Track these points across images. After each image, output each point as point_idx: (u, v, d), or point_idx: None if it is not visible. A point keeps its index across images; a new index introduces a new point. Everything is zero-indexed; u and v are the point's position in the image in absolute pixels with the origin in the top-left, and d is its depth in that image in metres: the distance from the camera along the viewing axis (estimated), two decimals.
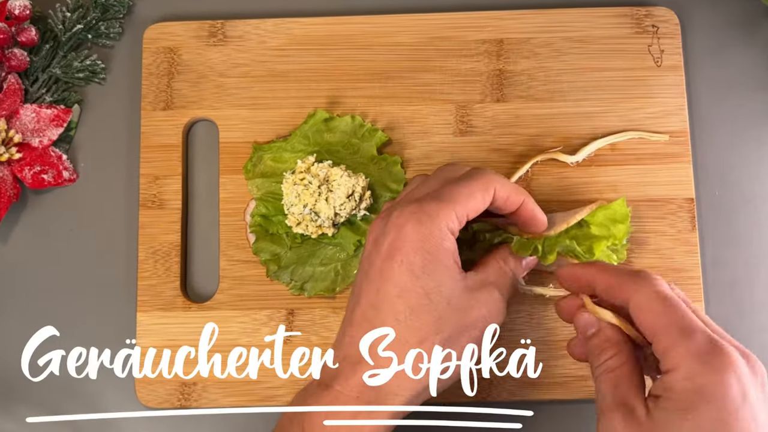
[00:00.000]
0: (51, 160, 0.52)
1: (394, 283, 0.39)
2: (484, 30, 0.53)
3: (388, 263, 0.39)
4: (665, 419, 0.34)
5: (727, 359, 0.34)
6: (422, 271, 0.39)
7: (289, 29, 0.53)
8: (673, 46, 0.52)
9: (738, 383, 0.33)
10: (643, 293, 0.36)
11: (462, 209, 0.40)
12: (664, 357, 0.35)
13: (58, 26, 0.54)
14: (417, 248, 0.39)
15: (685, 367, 0.34)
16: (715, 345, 0.34)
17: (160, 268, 0.50)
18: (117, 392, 0.50)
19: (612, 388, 0.37)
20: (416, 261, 0.39)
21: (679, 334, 0.35)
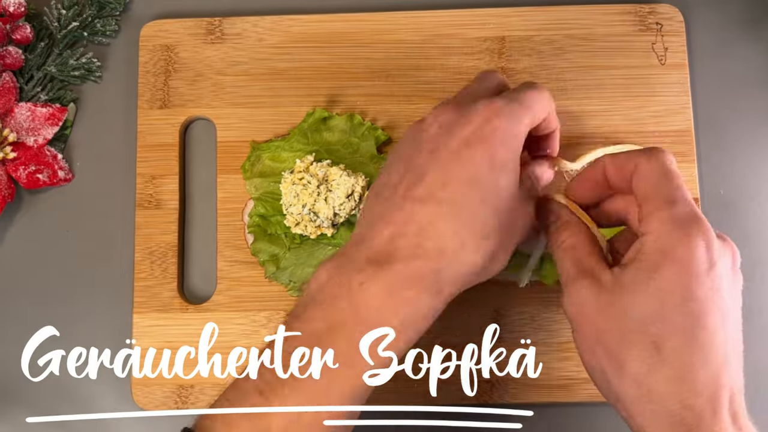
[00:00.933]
0: (46, 159, 0.52)
1: (471, 171, 0.37)
2: (486, 27, 0.53)
3: (468, 150, 0.37)
4: (631, 280, 0.35)
5: (700, 227, 0.35)
6: (500, 168, 0.38)
7: (287, 27, 0.53)
8: (677, 43, 0.52)
9: (706, 251, 0.35)
10: (649, 163, 0.38)
11: (535, 116, 0.40)
12: (644, 222, 0.36)
13: (53, 24, 0.54)
14: (501, 145, 0.38)
15: (659, 230, 0.35)
16: (694, 215, 0.36)
17: (157, 269, 0.50)
18: (113, 395, 0.50)
19: (575, 261, 0.38)
20: (497, 157, 0.38)
21: (663, 201, 0.36)
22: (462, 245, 0.37)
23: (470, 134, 0.38)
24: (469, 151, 0.38)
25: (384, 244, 0.37)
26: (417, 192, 0.38)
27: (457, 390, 0.48)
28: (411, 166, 0.39)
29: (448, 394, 0.48)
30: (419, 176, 0.38)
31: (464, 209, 0.37)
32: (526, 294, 0.49)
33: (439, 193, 0.37)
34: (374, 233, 0.38)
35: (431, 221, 0.37)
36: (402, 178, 0.39)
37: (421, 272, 0.36)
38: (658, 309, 0.35)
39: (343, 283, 0.36)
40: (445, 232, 0.37)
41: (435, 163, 0.38)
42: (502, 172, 0.38)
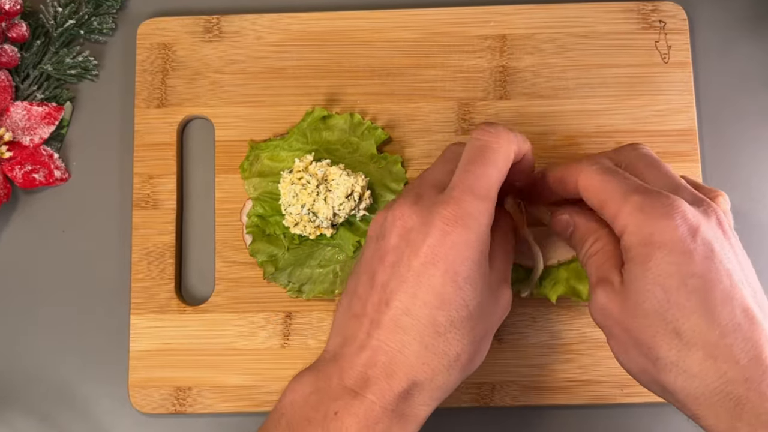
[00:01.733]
0: (42, 159, 0.52)
1: (435, 294, 0.36)
2: (487, 25, 0.53)
3: (430, 270, 0.37)
4: (632, 277, 0.36)
5: (667, 203, 0.35)
6: (465, 282, 0.37)
7: (286, 25, 0.53)
8: (680, 42, 0.52)
9: (684, 223, 0.35)
10: (584, 174, 0.39)
11: (495, 192, 0.38)
12: (614, 224, 0.37)
13: (49, 22, 0.54)
14: (464, 258, 0.37)
15: (631, 223, 0.36)
16: (652, 194, 0.36)
17: (154, 270, 0.50)
18: (111, 398, 0.50)
19: (595, 269, 0.39)
20: (461, 271, 0.37)
21: (620, 197, 0.36)
22: (432, 373, 0.37)
23: (429, 251, 0.37)
24: (430, 270, 0.37)
25: (359, 371, 0.37)
26: (383, 319, 0.37)
27: (457, 392, 0.48)
28: (375, 282, 0.38)
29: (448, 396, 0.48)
30: (384, 300, 0.37)
31: (431, 337, 0.37)
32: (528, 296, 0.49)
33: (404, 320, 0.37)
34: (348, 355, 0.38)
35: (399, 350, 0.37)
36: (367, 293, 0.38)
37: (392, 403, 0.37)
38: (664, 296, 0.35)
39: (319, 408, 0.37)
40: (414, 363, 0.37)
41: (396, 282, 0.37)
42: (467, 285, 0.37)
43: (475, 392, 0.48)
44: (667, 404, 0.48)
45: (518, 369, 0.49)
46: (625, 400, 0.48)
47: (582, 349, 0.49)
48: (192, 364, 0.49)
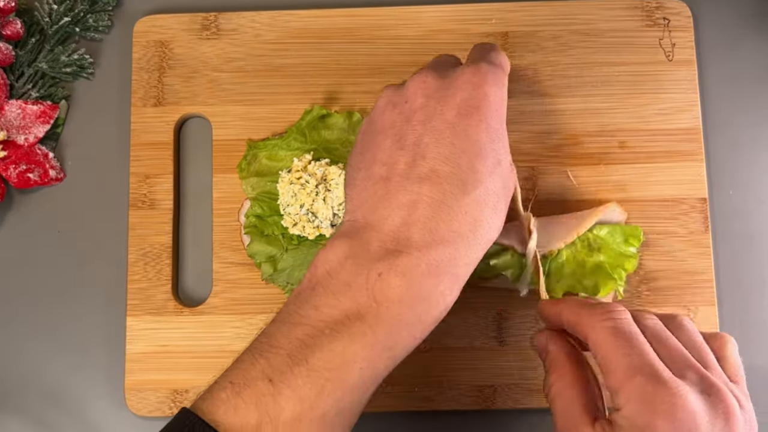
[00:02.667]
0: (37, 158, 0.52)
1: (473, 142, 0.37)
2: (488, 23, 0.53)
3: (465, 120, 0.37)
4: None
5: (671, 399, 0.33)
6: (496, 136, 0.38)
7: (285, 22, 0.53)
8: (685, 39, 0.52)
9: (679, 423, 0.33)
10: (597, 329, 0.37)
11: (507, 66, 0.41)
12: (613, 396, 0.35)
13: (44, 19, 0.54)
14: (494, 111, 0.38)
15: (628, 407, 0.34)
16: (660, 384, 0.34)
17: (151, 271, 0.50)
18: (106, 400, 0.50)
19: (560, 416, 0.37)
20: (492, 124, 0.37)
21: (624, 373, 0.35)
22: (476, 224, 0.36)
23: (463, 103, 0.38)
24: (465, 120, 0.37)
25: (396, 231, 0.36)
26: (419, 170, 0.37)
27: (459, 395, 0.48)
28: (404, 142, 0.38)
29: (449, 399, 0.48)
30: (417, 152, 0.37)
31: (472, 184, 0.36)
32: (528, 296, 0.49)
33: (443, 168, 0.36)
34: (382, 218, 0.37)
35: (442, 200, 0.36)
36: (395, 154, 0.38)
37: (438, 259, 0.36)
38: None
39: (359, 272, 0.35)
40: (457, 212, 0.36)
41: (431, 136, 0.37)
42: (499, 139, 0.38)
43: (477, 395, 0.48)
44: None
45: (521, 371, 0.49)
46: None
47: None
48: (189, 367, 0.49)
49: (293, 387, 0.33)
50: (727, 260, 0.51)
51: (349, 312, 0.35)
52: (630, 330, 0.36)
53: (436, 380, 0.49)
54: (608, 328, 0.36)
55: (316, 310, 0.35)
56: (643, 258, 0.49)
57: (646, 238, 0.49)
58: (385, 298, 0.35)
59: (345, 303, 0.35)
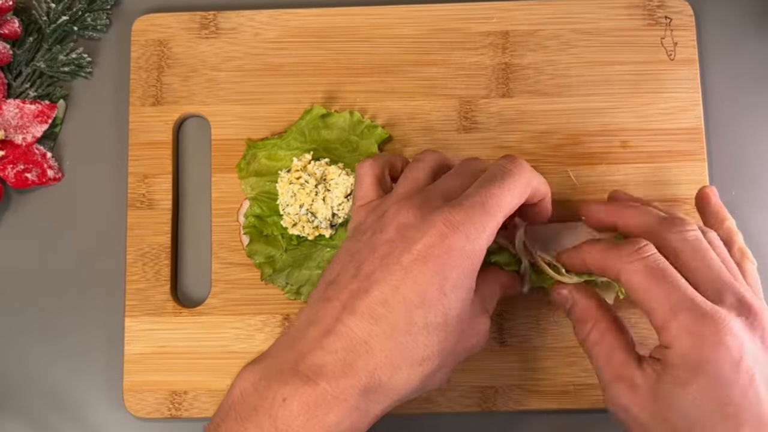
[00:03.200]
0: (35, 158, 0.52)
1: (418, 292, 0.36)
2: (490, 21, 0.53)
3: (419, 267, 0.36)
4: (666, 392, 0.36)
5: (717, 331, 0.35)
6: (451, 290, 0.37)
7: (285, 21, 0.53)
8: (687, 38, 0.52)
9: (730, 354, 0.35)
10: (630, 272, 0.38)
11: (503, 216, 0.39)
12: (660, 335, 0.37)
13: (42, 18, 0.54)
14: (455, 266, 0.37)
15: (678, 345, 0.36)
16: (704, 317, 0.36)
17: (150, 272, 0.50)
18: (104, 402, 0.50)
19: (605, 362, 0.39)
20: (450, 278, 0.37)
21: (668, 311, 0.36)
22: (393, 370, 0.36)
23: (423, 249, 0.37)
24: (419, 268, 0.36)
25: (313, 355, 0.36)
26: (358, 305, 0.37)
27: (459, 396, 0.48)
28: (360, 271, 0.38)
29: (450, 400, 0.48)
30: (364, 287, 0.37)
31: (402, 333, 0.36)
32: (530, 297, 0.49)
33: (379, 310, 0.36)
34: (307, 339, 0.37)
35: (366, 340, 0.36)
36: (347, 280, 0.38)
37: (346, 393, 0.36)
38: (698, 417, 0.36)
39: (267, 395, 0.36)
40: (377, 355, 0.36)
41: (383, 274, 0.37)
42: (452, 293, 0.37)
43: (478, 396, 0.48)
44: None
45: (521, 372, 0.48)
46: None
47: None
48: (188, 368, 0.49)
49: None
50: None
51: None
52: (663, 266, 0.38)
53: None
54: (640, 268, 0.38)
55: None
56: None
57: None
58: (287, 426, 0.35)
59: (250, 429, 0.36)
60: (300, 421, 0.35)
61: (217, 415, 0.37)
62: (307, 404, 0.35)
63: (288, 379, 0.36)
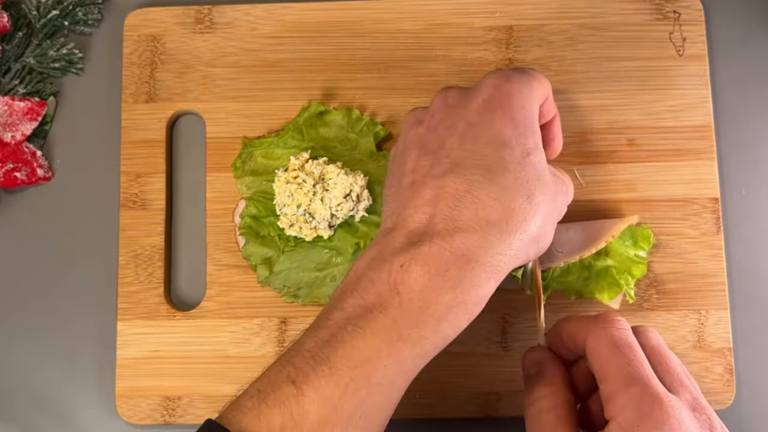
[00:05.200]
0: (24, 156, 0.51)
1: (497, 133, 0.37)
2: (493, 16, 0.52)
3: (488, 115, 0.38)
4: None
5: (664, 413, 0.34)
6: (524, 128, 0.38)
7: (281, 15, 0.53)
8: (696, 33, 0.52)
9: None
10: (596, 336, 0.37)
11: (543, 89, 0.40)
12: (606, 404, 0.36)
13: (32, 12, 0.53)
14: (519, 107, 0.38)
15: (621, 417, 0.35)
16: (655, 397, 0.34)
17: (142, 274, 0.50)
18: (96, 408, 0.50)
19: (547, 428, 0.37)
20: (518, 118, 0.38)
21: (622, 382, 0.35)
22: (507, 212, 0.36)
23: (484, 102, 0.38)
24: (488, 117, 0.37)
25: (421, 225, 0.36)
26: (442, 167, 0.37)
27: (462, 402, 0.48)
28: (429, 149, 0.38)
29: (452, 407, 0.48)
30: (442, 153, 0.38)
31: (499, 171, 0.36)
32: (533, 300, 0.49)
33: (467, 160, 0.37)
34: (407, 217, 0.37)
35: (467, 189, 0.36)
36: (421, 161, 0.38)
37: (464, 246, 0.35)
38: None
39: (383, 267, 0.36)
40: (484, 199, 0.36)
41: (455, 137, 0.38)
42: (527, 133, 0.38)
43: (482, 402, 0.48)
44: None
45: None
46: None
47: None
48: (182, 373, 0.49)
49: (315, 387, 0.34)
50: (740, 262, 0.50)
51: (372, 306, 0.35)
52: (629, 341, 0.37)
53: (438, 387, 0.48)
54: (609, 336, 0.37)
55: (342, 311, 0.36)
56: (652, 260, 0.49)
57: (656, 240, 0.49)
58: (407, 287, 0.35)
59: (368, 299, 0.35)
60: (421, 281, 0.35)
61: (331, 302, 0.37)
62: (426, 264, 0.35)
63: (402, 248, 0.36)
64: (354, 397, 0.34)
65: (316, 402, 0.33)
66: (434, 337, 0.36)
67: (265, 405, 0.34)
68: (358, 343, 0.34)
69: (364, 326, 0.35)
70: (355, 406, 0.34)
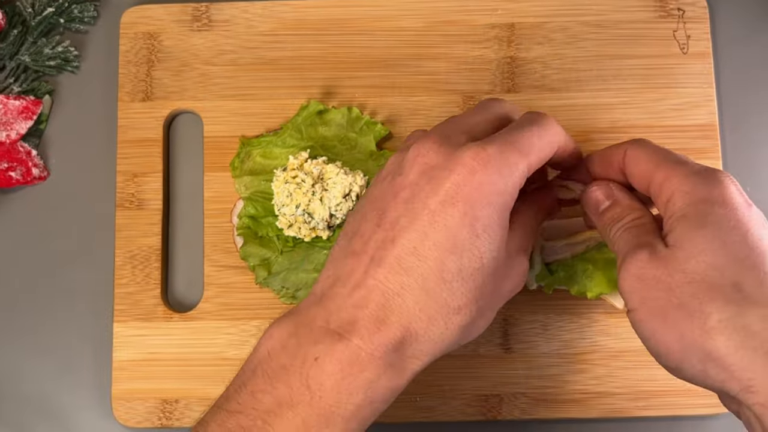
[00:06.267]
0: (19, 156, 0.51)
1: (448, 236, 0.36)
2: (494, 14, 0.53)
3: (448, 209, 0.36)
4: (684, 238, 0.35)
5: (721, 174, 0.36)
6: (483, 231, 0.36)
7: (280, 13, 0.53)
8: (700, 31, 0.52)
9: (740, 194, 0.36)
10: (637, 145, 0.39)
11: (535, 163, 0.38)
12: (664, 188, 0.37)
13: (27, 9, 0.53)
14: (487, 203, 0.36)
15: (686, 185, 0.36)
16: (708, 168, 0.37)
17: (139, 275, 0.50)
18: (92, 411, 0.50)
19: (634, 237, 0.38)
20: (482, 217, 0.36)
21: (674, 163, 0.37)
22: (429, 322, 0.36)
23: (451, 189, 0.36)
24: (447, 210, 0.36)
25: (344, 312, 0.36)
26: (386, 256, 0.36)
27: (463, 405, 0.48)
28: (384, 219, 0.37)
29: (453, 409, 0.48)
30: (390, 237, 0.37)
31: (435, 282, 0.36)
32: (537, 301, 0.49)
33: (408, 260, 0.36)
34: (335, 295, 0.37)
35: (398, 293, 0.36)
36: (373, 230, 0.37)
37: (381, 350, 0.35)
38: (724, 251, 0.35)
39: (297, 354, 0.36)
40: (411, 308, 0.36)
41: (408, 219, 0.36)
42: (485, 234, 0.36)
43: (482, 405, 0.48)
44: (684, 417, 0.48)
45: (528, 380, 0.48)
46: (640, 414, 0.48)
47: (595, 359, 0.48)
48: (179, 375, 0.49)
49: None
50: None
51: (282, 400, 0.35)
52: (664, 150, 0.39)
53: (438, 389, 0.48)
54: (646, 143, 0.39)
55: (252, 396, 0.36)
56: None
57: None
58: (319, 386, 0.35)
59: (279, 389, 0.35)
60: (333, 380, 0.35)
61: (240, 375, 0.37)
62: (340, 362, 0.35)
63: (319, 338, 0.35)
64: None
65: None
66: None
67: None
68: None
69: (274, 423, 0.35)
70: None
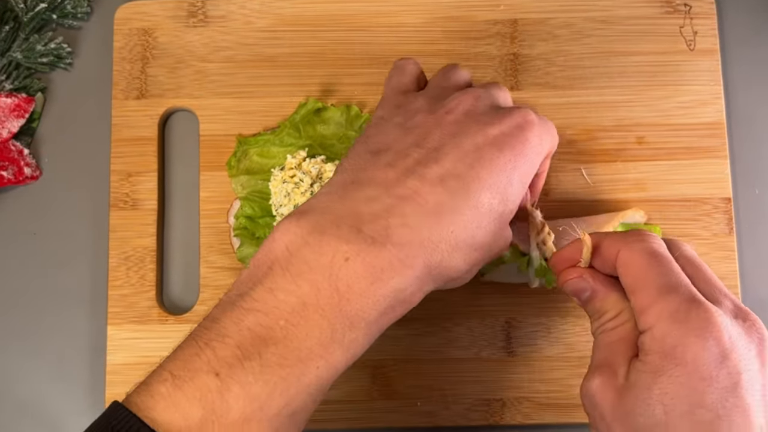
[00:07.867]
0: (11, 155, 0.51)
1: (492, 174, 0.37)
2: (497, 9, 0.53)
3: (495, 152, 0.37)
4: (637, 382, 0.34)
5: (705, 319, 0.34)
6: (517, 181, 0.38)
7: (278, 9, 0.53)
8: (707, 27, 0.52)
9: (716, 345, 0.33)
10: (630, 249, 0.37)
11: (553, 145, 0.42)
12: (641, 316, 0.35)
13: (18, 5, 0.53)
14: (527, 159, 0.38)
15: (659, 327, 0.34)
16: (694, 304, 0.34)
17: (134, 276, 0.50)
18: (85, 415, 0.50)
19: (603, 348, 0.37)
20: (520, 169, 0.38)
21: (657, 291, 0.35)
22: (453, 249, 0.36)
23: (500, 136, 0.38)
24: (495, 153, 0.37)
25: (377, 217, 0.35)
26: (427, 171, 0.37)
27: (465, 409, 0.48)
28: (424, 142, 0.38)
29: (455, 414, 0.48)
30: (433, 156, 0.37)
31: (470, 212, 0.36)
32: (539, 303, 0.49)
33: (451, 182, 0.36)
34: (365, 198, 0.36)
35: (435, 210, 0.36)
36: (410, 149, 0.38)
37: (412, 260, 0.35)
38: (663, 418, 0.33)
39: (324, 252, 0.34)
40: (444, 227, 0.36)
41: (455, 150, 0.37)
42: (519, 186, 0.38)
43: (485, 409, 0.48)
44: None
45: (531, 384, 0.48)
46: None
47: None
48: None
49: (243, 384, 0.32)
50: (753, 264, 0.50)
51: (307, 300, 0.34)
52: (663, 252, 0.37)
53: (439, 394, 0.48)
54: (643, 248, 0.37)
55: (271, 293, 0.34)
56: None
57: None
58: (348, 289, 0.34)
59: (303, 287, 0.34)
60: (364, 283, 0.34)
61: (253, 271, 0.35)
62: (372, 266, 0.34)
63: (350, 237, 0.34)
64: (282, 397, 0.33)
65: (241, 399, 0.32)
66: (364, 340, 0.35)
67: (182, 393, 0.32)
68: (291, 343, 0.33)
69: (299, 324, 0.33)
70: (281, 406, 0.33)
